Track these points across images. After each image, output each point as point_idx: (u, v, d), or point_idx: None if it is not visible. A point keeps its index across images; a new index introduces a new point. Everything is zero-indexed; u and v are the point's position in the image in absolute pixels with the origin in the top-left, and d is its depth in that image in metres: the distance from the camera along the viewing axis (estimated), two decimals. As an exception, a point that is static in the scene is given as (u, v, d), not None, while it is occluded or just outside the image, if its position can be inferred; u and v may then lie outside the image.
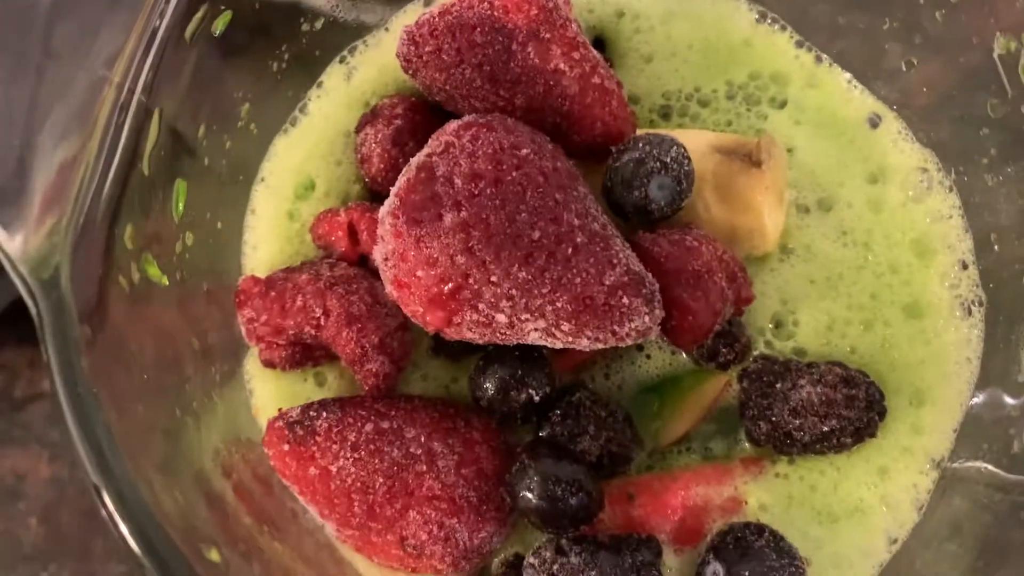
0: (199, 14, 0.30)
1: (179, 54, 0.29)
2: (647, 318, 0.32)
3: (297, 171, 0.38)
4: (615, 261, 0.32)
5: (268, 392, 0.36)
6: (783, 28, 0.39)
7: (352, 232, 0.37)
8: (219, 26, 0.31)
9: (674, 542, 0.35)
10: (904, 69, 0.36)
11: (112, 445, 0.25)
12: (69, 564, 0.57)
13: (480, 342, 0.33)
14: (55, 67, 0.26)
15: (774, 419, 0.35)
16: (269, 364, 0.36)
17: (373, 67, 0.39)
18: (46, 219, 0.25)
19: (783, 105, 0.39)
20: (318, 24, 0.36)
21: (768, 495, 0.35)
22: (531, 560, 0.33)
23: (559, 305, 0.31)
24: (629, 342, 0.32)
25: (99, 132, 0.26)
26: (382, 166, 0.37)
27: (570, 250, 0.31)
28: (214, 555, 0.28)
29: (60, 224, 0.25)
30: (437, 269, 0.31)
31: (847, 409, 0.34)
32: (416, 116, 0.37)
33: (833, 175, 0.38)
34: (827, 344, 0.37)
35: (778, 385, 0.35)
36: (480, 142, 0.32)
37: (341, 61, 0.38)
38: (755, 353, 0.37)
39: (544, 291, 0.31)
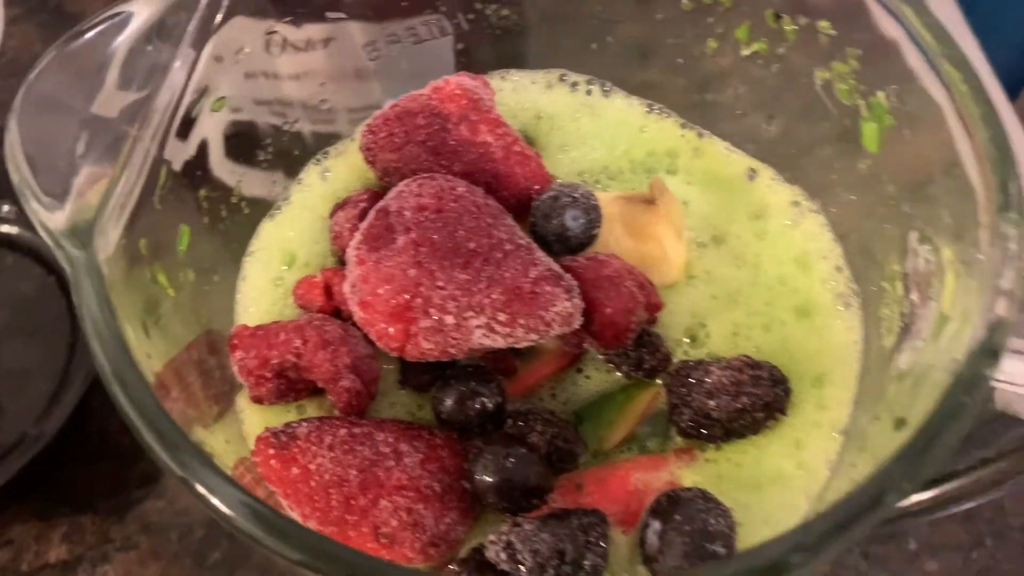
0: (202, 101, 0.39)
1: (187, 129, 0.38)
2: (567, 304, 0.38)
3: (281, 248, 0.45)
4: (537, 262, 0.39)
5: (257, 421, 0.41)
6: (668, 115, 0.49)
7: (327, 289, 0.44)
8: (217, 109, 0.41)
9: (621, 524, 0.39)
10: (767, 126, 0.46)
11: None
12: None
13: (435, 354, 0.39)
14: (96, 122, 0.35)
15: (694, 404, 0.40)
16: (257, 400, 0.42)
17: (344, 168, 0.48)
18: (79, 213, 0.32)
19: (676, 172, 0.48)
20: (296, 127, 0.46)
21: (700, 476, 0.40)
22: (491, 537, 0.37)
23: (494, 297, 0.38)
24: (556, 328, 0.38)
25: (120, 164, 0.34)
26: (351, 239, 0.45)
27: (500, 255, 0.38)
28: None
29: (89, 218, 0.32)
30: (394, 283, 0.38)
31: (754, 387, 0.40)
32: (378, 201, 0.46)
33: (723, 217, 0.46)
34: (735, 347, 0.43)
35: (694, 375, 0.41)
36: (424, 186, 0.40)
37: (317, 163, 0.48)
38: (675, 361, 0.43)
39: (481, 287, 0.38)
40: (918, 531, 0.69)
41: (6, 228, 0.75)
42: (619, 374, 0.43)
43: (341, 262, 0.46)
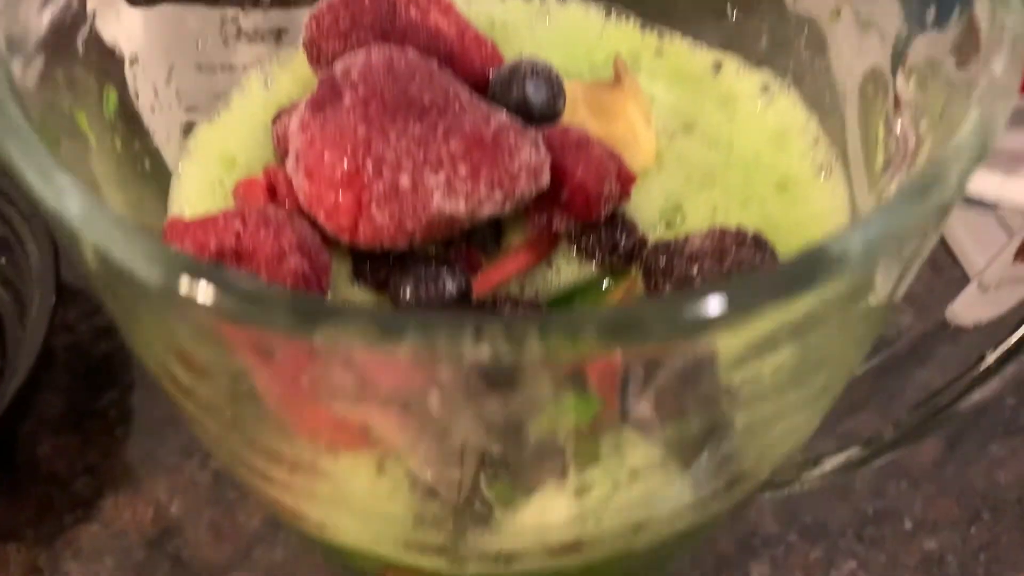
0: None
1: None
2: (534, 152, 0.35)
3: (220, 152, 0.42)
4: (498, 113, 0.36)
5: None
6: (627, 17, 0.47)
7: (271, 188, 0.40)
8: None
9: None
10: (732, 19, 0.44)
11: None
12: None
13: (391, 231, 0.36)
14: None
15: (675, 271, 0.37)
16: (193, 296, 0.38)
17: (287, 78, 0.45)
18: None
19: (639, 72, 0.46)
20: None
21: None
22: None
23: (453, 147, 0.35)
24: (523, 183, 0.35)
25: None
26: (296, 139, 0.42)
27: (458, 106, 0.36)
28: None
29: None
30: (341, 144, 0.35)
31: (738, 249, 0.37)
32: (325, 105, 0.43)
33: (690, 107, 0.44)
34: (714, 225, 0.40)
35: (674, 246, 0.38)
36: (374, 52, 0.38)
37: (258, 70, 0.45)
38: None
39: (438, 137, 0.35)
40: (911, 508, 0.65)
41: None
42: (591, 268, 0.40)
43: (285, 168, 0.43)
